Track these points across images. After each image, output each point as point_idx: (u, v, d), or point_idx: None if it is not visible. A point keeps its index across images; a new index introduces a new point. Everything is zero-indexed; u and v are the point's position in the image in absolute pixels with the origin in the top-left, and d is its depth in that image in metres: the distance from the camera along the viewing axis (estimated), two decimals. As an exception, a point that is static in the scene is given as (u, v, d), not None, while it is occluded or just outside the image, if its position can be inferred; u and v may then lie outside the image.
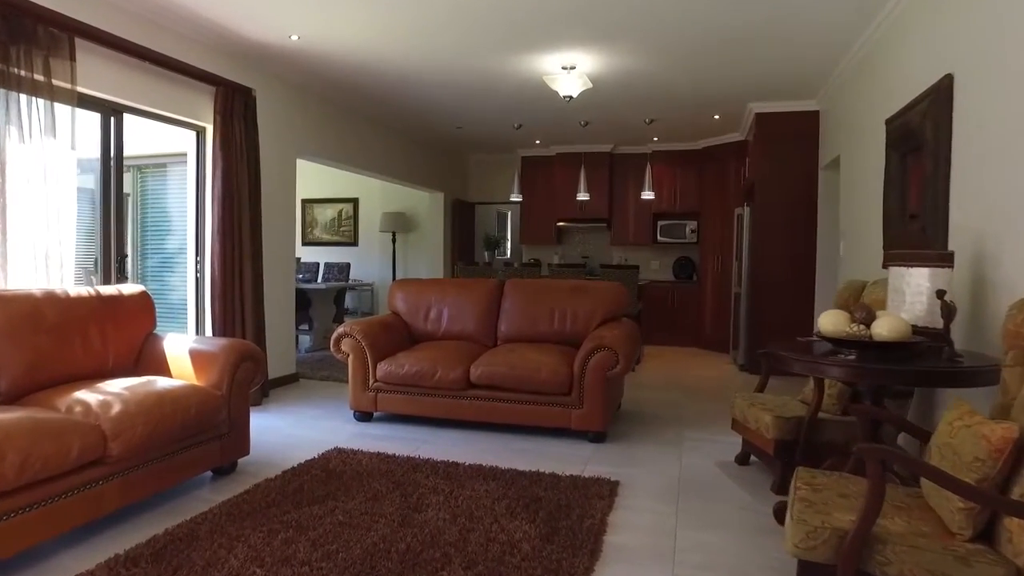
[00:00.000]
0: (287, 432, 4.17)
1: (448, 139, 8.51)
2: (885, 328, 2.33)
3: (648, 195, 7.85)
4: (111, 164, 4.04)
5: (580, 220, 9.01)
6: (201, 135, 4.77)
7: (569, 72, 5.07)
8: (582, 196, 8.11)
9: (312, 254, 9.36)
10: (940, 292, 2.43)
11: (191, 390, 3.03)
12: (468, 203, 9.80)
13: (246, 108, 4.84)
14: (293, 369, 5.78)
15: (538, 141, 8.66)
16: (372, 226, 9.43)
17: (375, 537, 2.56)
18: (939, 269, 2.55)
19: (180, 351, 3.35)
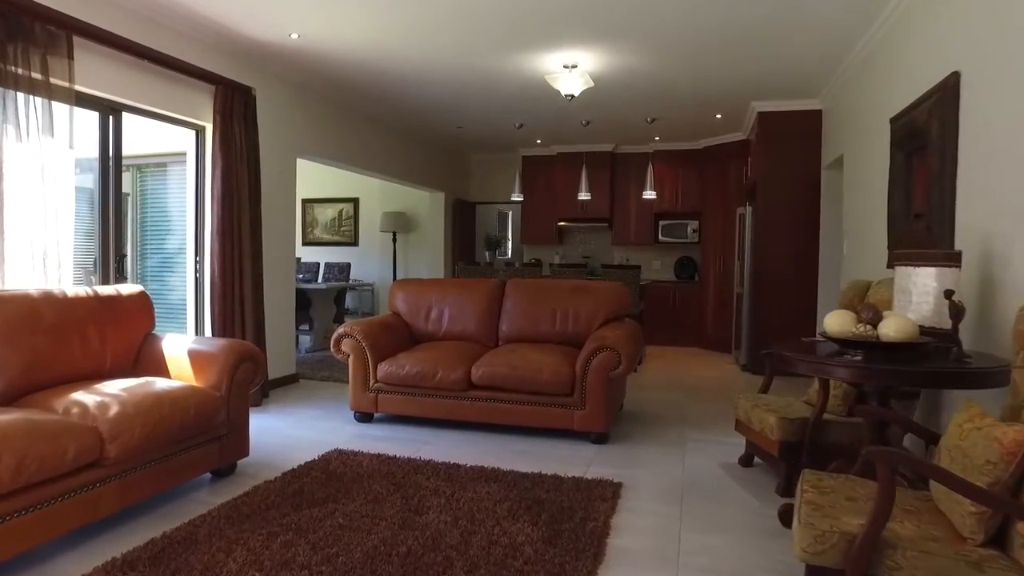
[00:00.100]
0: (287, 433, 4.14)
1: (449, 138, 8.48)
2: (892, 328, 2.30)
3: (650, 195, 7.82)
4: (110, 163, 4.01)
5: (581, 220, 8.98)
6: (200, 134, 4.74)
7: (570, 71, 5.04)
8: (583, 196, 8.07)
9: (312, 254, 9.33)
10: (948, 292, 2.40)
11: (190, 391, 3.00)
12: (469, 203, 9.77)
13: (246, 107, 4.81)
14: (293, 369, 5.75)
15: (539, 140, 8.64)
16: (372, 226, 9.40)
17: (376, 540, 2.53)
18: (946, 269, 2.51)
19: (179, 351, 3.32)
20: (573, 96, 5.18)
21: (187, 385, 3.07)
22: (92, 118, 3.92)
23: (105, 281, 3.99)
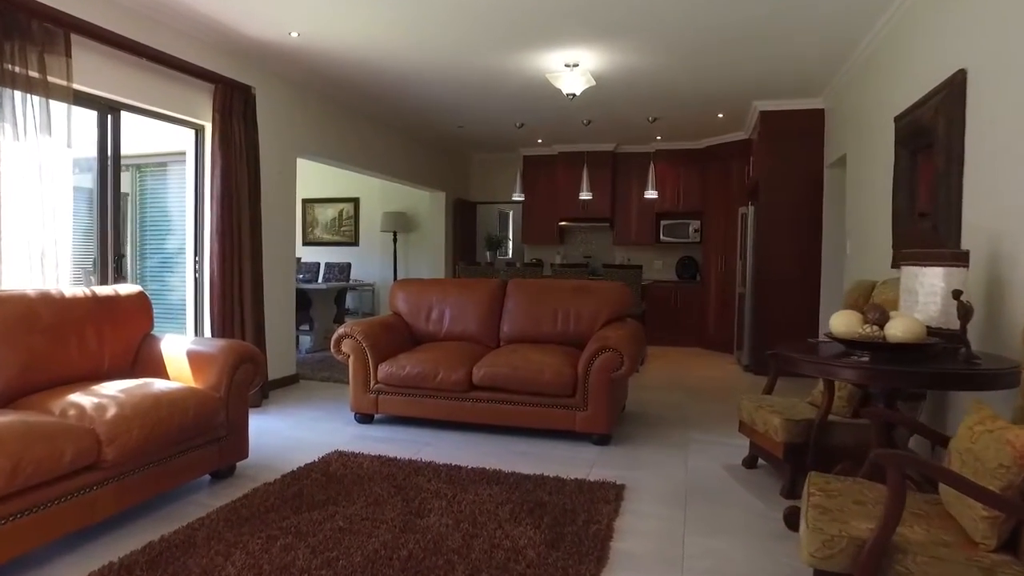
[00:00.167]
0: (287, 434, 4.11)
1: (449, 138, 8.45)
2: (900, 329, 2.27)
3: (651, 194, 7.78)
4: (108, 163, 3.98)
5: (582, 220, 8.95)
6: (200, 134, 4.71)
7: (572, 70, 5.00)
8: (584, 195, 8.03)
9: (313, 254, 9.30)
10: (956, 292, 2.37)
11: (189, 392, 2.97)
12: (470, 202, 9.74)
13: (245, 106, 4.78)
14: (293, 370, 5.72)
15: (540, 140, 8.60)
16: (373, 226, 9.37)
17: (376, 543, 2.50)
18: (954, 269, 2.48)
19: (178, 352, 3.29)
20: (574, 95, 5.14)
21: (186, 386, 3.04)
22: (90, 117, 3.89)
23: (104, 281, 3.96)
